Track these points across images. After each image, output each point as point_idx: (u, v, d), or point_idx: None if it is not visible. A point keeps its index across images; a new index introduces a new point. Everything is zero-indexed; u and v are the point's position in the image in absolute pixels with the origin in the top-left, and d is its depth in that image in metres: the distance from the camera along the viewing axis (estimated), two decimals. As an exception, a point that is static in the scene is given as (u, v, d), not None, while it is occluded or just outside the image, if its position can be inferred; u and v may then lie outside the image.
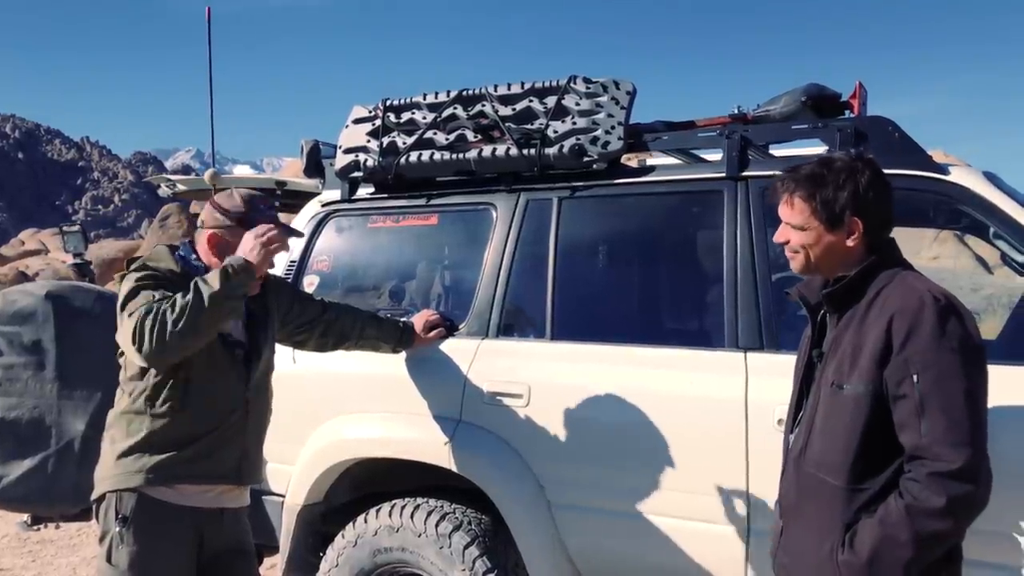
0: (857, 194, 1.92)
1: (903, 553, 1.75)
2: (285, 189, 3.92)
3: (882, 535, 1.77)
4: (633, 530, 2.72)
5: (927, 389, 1.75)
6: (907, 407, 1.78)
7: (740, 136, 2.80)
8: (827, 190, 1.94)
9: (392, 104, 3.30)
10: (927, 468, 1.74)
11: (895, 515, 1.76)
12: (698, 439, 2.63)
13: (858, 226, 1.93)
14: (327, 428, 3.14)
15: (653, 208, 3.07)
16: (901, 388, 1.79)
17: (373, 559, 3.03)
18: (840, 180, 1.93)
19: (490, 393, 2.93)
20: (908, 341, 1.79)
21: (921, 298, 1.82)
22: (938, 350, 1.77)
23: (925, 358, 1.77)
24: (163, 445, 2.33)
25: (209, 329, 2.23)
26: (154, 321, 2.15)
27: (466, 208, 3.27)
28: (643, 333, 3.06)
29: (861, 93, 2.83)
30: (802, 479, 1.97)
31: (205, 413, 2.38)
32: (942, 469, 1.72)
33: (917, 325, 1.79)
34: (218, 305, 2.20)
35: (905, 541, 1.75)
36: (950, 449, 1.72)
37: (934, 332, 1.77)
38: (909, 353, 1.78)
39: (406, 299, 3.50)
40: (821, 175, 1.95)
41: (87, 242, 4.41)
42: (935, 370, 1.76)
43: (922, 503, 1.73)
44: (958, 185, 2.53)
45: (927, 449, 1.75)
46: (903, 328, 1.80)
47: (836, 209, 1.93)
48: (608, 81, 2.99)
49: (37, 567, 5.13)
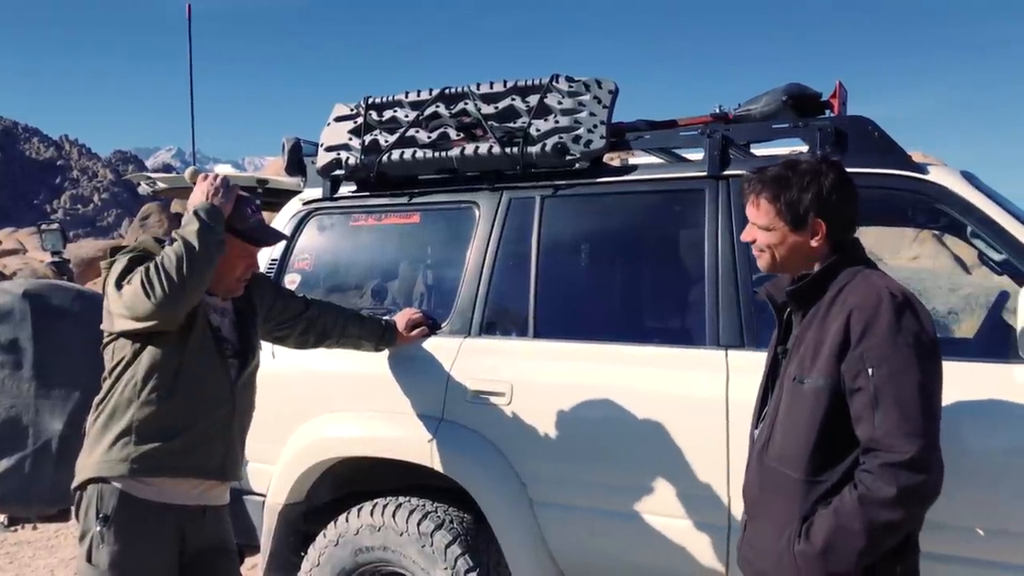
0: (821, 196, 1.97)
1: (856, 543, 1.80)
2: (266, 187, 3.90)
3: (836, 525, 1.82)
4: (614, 527, 2.73)
5: (881, 382, 1.80)
6: (862, 400, 1.83)
7: (721, 135, 2.82)
8: (791, 192, 1.99)
9: (374, 102, 3.29)
10: (880, 459, 1.79)
11: (848, 505, 1.81)
12: (679, 437, 2.65)
13: (821, 227, 1.98)
14: (309, 427, 3.13)
15: (635, 207, 3.08)
16: (857, 381, 1.84)
17: (355, 558, 3.02)
18: (804, 182, 1.98)
19: (473, 391, 2.93)
20: (865, 336, 1.84)
21: (879, 294, 1.87)
22: (893, 345, 1.82)
23: (880, 352, 1.82)
24: (150, 435, 2.30)
25: (206, 271, 2.28)
26: (158, 270, 2.20)
27: (448, 206, 3.26)
28: (625, 331, 3.07)
29: (841, 93, 2.85)
30: (764, 473, 2.02)
31: (193, 404, 2.36)
32: (894, 460, 1.77)
33: (874, 320, 1.84)
34: (206, 242, 2.25)
35: (858, 531, 1.79)
36: (902, 440, 1.77)
37: (890, 327, 1.83)
38: (865, 347, 1.83)
39: (388, 297, 3.49)
40: (786, 177, 2.01)
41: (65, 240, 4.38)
42: (890, 364, 1.81)
43: (874, 493, 1.78)
44: (937, 184, 2.56)
45: (880, 440, 1.80)
46: (860, 323, 1.85)
47: (800, 210, 1.98)
48: (591, 80, 3.00)
49: (15, 568, 5.07)
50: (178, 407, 2.33)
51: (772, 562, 1.95)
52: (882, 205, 2.95)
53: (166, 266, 2.20)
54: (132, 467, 2.28)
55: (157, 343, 2.30)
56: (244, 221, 2.44)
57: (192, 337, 2.34)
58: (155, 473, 2.31)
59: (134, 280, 2.21)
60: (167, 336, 2.30)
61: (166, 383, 2.31)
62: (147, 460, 2.29)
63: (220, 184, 2.40)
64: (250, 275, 2.54)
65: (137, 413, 2.30)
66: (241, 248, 2.45)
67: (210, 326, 2.41)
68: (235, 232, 2.42)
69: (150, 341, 2.30)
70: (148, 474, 2.30)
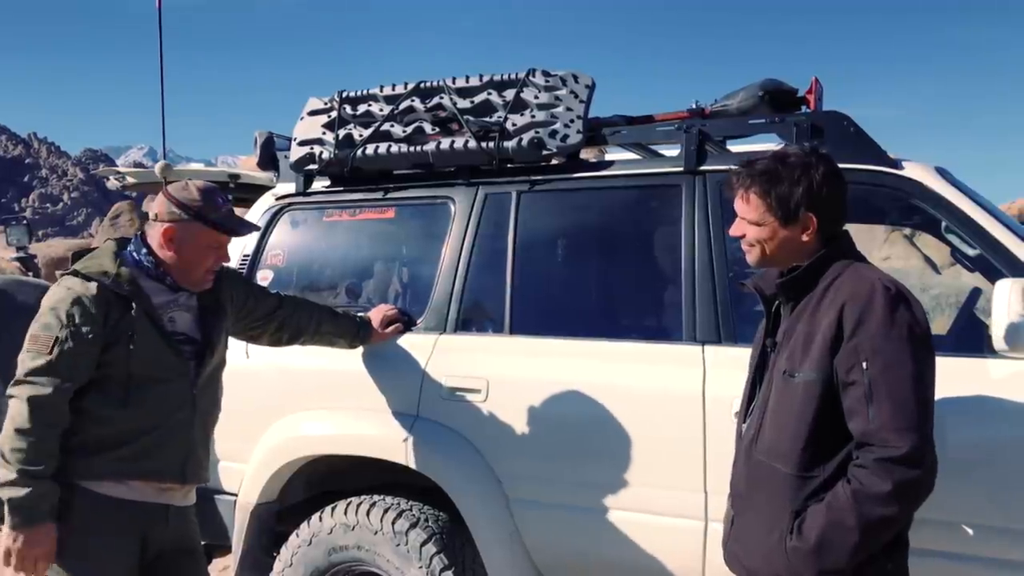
0: (811, 190, 1.95)
1: (850, 538, 1.78)
2: (239, 183, 3.84)
3: (829, 520, 1.80)
4: (591, 525, 2.71)
5: (876, 376, 1.78)
6: (856, 393, 1.81)
7: (698, 131, 2.81)
8: (782, 186, 1.97)
9: (348, 96, 3.26)
10: (874, 454, 1.77)
11: (842, 500, 1.79)
12: (656, 432, 2.64)
13: (812, 221, 1.97)
14: (281, 425, 3.08)
15: (611, 202, 3.07)
16: (850, 375, 1.82)
17: (328, 558, 2.98)
18: (795, 176, 1.96)
19: (448, 388, 2.90)
20: (858, 328, 1.82)
21: (872, 286, 1.86)
22: (887, 337, 1.80)
23: (874, 345, 1.80)
24: (104, 442, 2.27)
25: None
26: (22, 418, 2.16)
27: (424, 202, 3.23)
28: (601, 327, 3.05)
29: (817, 88, 2.86)
30: (753, 467, 1.99)
31: (148, 410, 2.31)
32: (889, 455, 1.75)
33: (867, 313, 1.82)
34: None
35: (852, 526, 1.77)
36: (896, 435, 1.76)
37: (884, 320, 1.81)
38: (859, 340, 1.81)
39: (363, 294, 3.45)
40: (776, 170, 1.98)
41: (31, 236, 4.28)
42: (884, 357, 1.79)
43: (868, 488, 1.76)
44: (912, 180, 2.57)
45: (874, 435, 1.78)
46: (853, 316, 1.83)
47: (791, 205, 1.96)
48: (567, 74, 2.98)
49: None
50: (132, 415, 2.30)
51: (762, 558, 1.93)
52: (857, 201, 2.96)
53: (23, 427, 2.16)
54: (89, 471, 2.26)
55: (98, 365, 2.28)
56: (216, 210, 2.40)
57: (136, 348, 2.29)
58: (111, 478, 2.28)
59: (23, 380, 2.19)
60: (107, 355, 2.27)
61: (117, 395, 2.28)
62: (104, 466, 2.26)
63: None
64: (219, 267, 2.49)
65: (90, 421, 2.26)
66: (211, 238, 2.40)
67: (159, 330, 2.35)
68: (205, 221, 2.38)
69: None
70: (105, 478, 2.27)
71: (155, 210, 2.41)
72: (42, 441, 2.17)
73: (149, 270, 2.38)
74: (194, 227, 2.37)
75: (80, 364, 2.23)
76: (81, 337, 2.22)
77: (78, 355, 2.22)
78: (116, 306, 2.29)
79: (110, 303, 2.28)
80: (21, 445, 2.14)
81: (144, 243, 2.42)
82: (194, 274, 2.43)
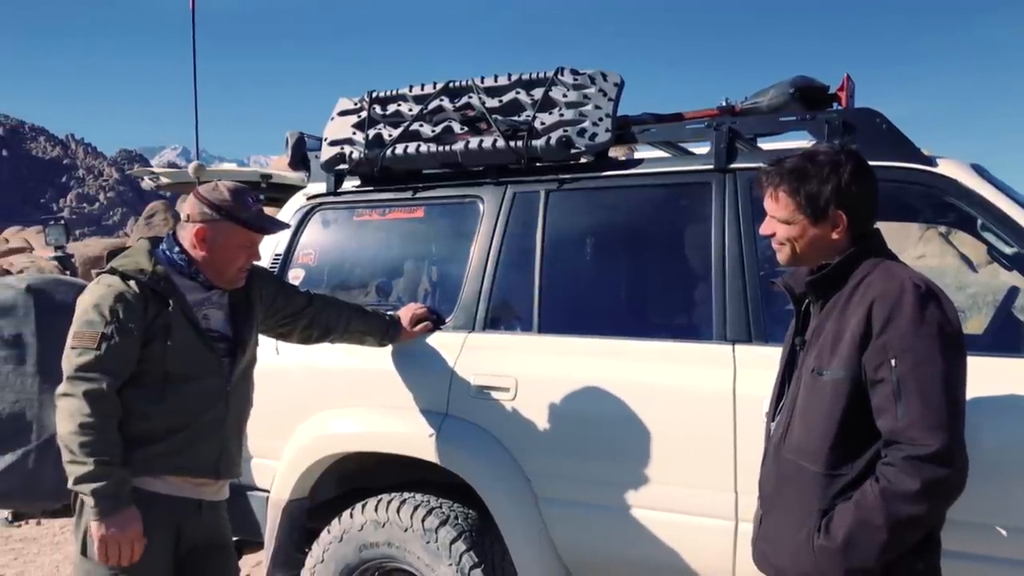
0: (840, 188, 1.93)
1: (878, 537, 1.76)
2: (270, 182, 3.89)
3: (857, 519, 1.79)
4: (620, 523, 2.71)
5: (905, 373, 1.77)
6: (884, 391, 1.79)
7: (728, 128, 2.79)
8: (811, 184, 1.95)
9: (378, 96, 3.28)
10: (903, 452, 1.75)
11: (870, 499, 1.78)
12: (685, 432, 2.62)
13: (842, 219, 1.95)
14: (312, 422, 3.11)
15: (641, 201, 3.06)
16: (879, 372, 1.80)
17: (359, 554, 3.00)
18: (824, 174, 1.94)
19: (477, 387, 2.91)
20: (887, 326, 1.80)
21: (902, 284, 1.84)
22: (917, 335, 1.78)
23: (903, 342, 1.78)
24: (139, 438, 2.30)
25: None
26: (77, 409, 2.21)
27: (453, 201, 3.24)
28: (630, 326, 3.04)
29: (849, 85, 2.83)
30: (781, 466, 1.98)
31: (183, 407, 2.35)
32: (918, 453, 1.73)
33: (897, 310, 1.80)
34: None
35: (880, 525, 1.76)
36: (926, 433, 1.74)
37: (913, 317, 1.79)
38: (888, 338, 1.80)
39: (392, 292, 3.47)
40: (805, 169, 1.97)
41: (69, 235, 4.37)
42: (913, 355, 1.77)
43: (897, 487, 1.74)
44: (947, 177, 2.53)
45: (903, 433, 1.76)
46: (883, 313, 1.81)
47: (821, 203, 1.95)
48: (596, 73, 2.97)
49: (19, 565, 5.07)
50: (168, 411, 2.34)
51: (790, 557, 1.92)
52: (890, 199, 2.92)
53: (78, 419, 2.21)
54: (126, 466, 2.28)
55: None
56: (246, 210, 2.44)
57: (173, 344, 2.33)
58: (147, 473, 2.32)
59: (70, 378, 2.24)
60: (144, 351, 2.31)
61: (154, 391, 2.32)
62: (137, 463, 2.29)
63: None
64: (250, 266, 2.53)
65: (127, 420, 2.29)
66: (243, 237, 2.44)
67: (195, 327, 2.39)
68: (236, 220, 2.42)
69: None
70: (140, 474, 2.31)
71: (187, 211, 2.46)
72: (107, 432, 2.22)
73: (182, 268, 2.43)
74: (225, 226, 2.41)
75: (126, 359, 2.28)
76: (125, 332, 2.27)
77: (123, 350, 2.27)
78: (154, 303, 2.33)
79: (148, 299, 2.32)
80: (89, 438, 2.19)
81: (176, 242, 2.46)
82: (227, 273, 2.47)
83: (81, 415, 2.19)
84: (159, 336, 2.32)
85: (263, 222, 2.51)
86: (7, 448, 3.13)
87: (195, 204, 2.44)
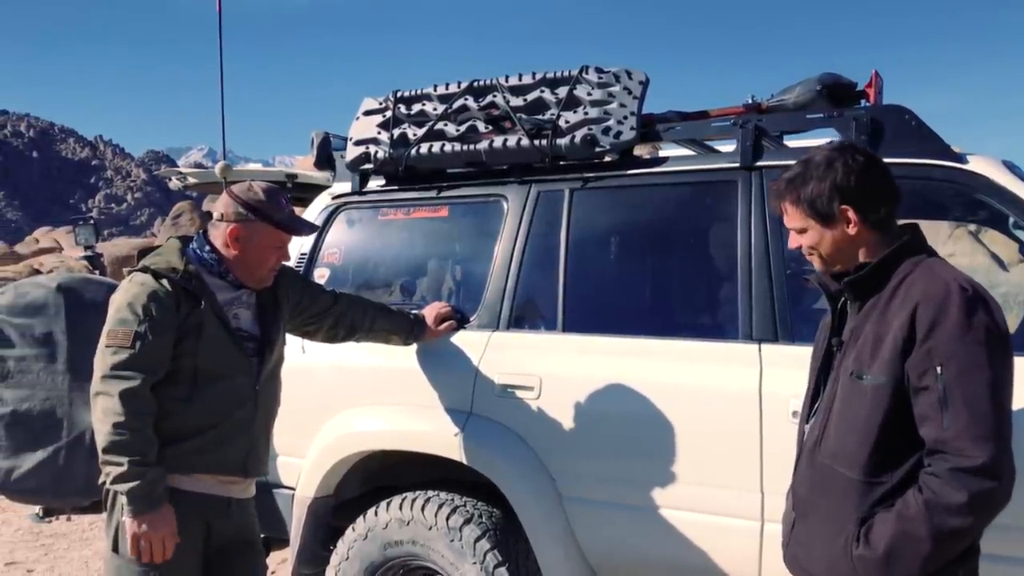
0: (836, 184, 1.89)
1: (921, 549, 1.71)
2: (296, 182, 3.91)
3: (899, 530, 1.73)
4: (645, 523, 2.70)
5: (951, 381, 1.70)
6: (929, 399, 1.73)
7: (754, 126, 2.77)
8: (808, 188, 1.92)
9: (403, 95, 3.28)
10: (948, 463, 1.69)
11: (913, 510, 1.72)
12: (711, 432, 2.61)
13: (850, 213, 1.89)
14: (338, 421, 3.13)
15: (666, 199, 3.04)
16: (924, 380, 1.73)
17: (383, 552, 3.02)
18: (819, 174, 1.91)
19: (501, 385, 2.91)
20: (932, 331, 1.73)
21: (947, 287, 1.76)
22: (963, 341, 1.71)
23: (949, 349, 1.71)
24: (169, 436, 2.32)
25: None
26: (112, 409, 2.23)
27: (477, 200, 3.25)
28: (655, 325, 3.03)
29: (877, 82, 2.79)
30: (816, 470, 1.93)
31: (213, 406, 2.38)
32: (964, 464, 1.67)
33: (942, 315, 1.73)
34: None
35: (923, 537, 1.70)
36: (973, 444, 1.67)
37: (960, 322, 1.72)
38: (933, 343, 1.73)
39: (417, 291, 3.48)
40: (801, 174, 1.94)
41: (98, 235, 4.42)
42: (959, 361, 1.70)
43: (942, 499, 1.68)
44: (978, 174, 2.49)
45: (949, 443, 1.70)
46: (928, 318, 1.74)
47: (824, 203, 1.90)
48: (621, 71, 2.96)
49: (50, 560, 5.14)
50: (198, 409, 2.36)
51: (825, 565, 1.86)
52: (920, 197, 2.88)
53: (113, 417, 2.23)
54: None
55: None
56: (280, 211, 2.46)
57: (204, 343, 2.35)
58: (177, 471, 2.34)
59: (105, 377, 2.26)
60: (176, 349, 2.33)
61: (184, 389, 2.34)
62: (167, 461, 2.31)
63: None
64: (279, 265, 2.55)
65: (159, 418, 2.31)
66: (275, 238, 2.47)
67: (225, 326, 2.41)
68: (270, 221, 2.44)
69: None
70: (172, 470, 2.33)
71: (220, 210, 2.48)
72: (142, 430, 2.24)
73: (212, 267, 2.45)
74: (259, 227, 2.44)
75: (160, 357, 2.31)
76: (159, 330, 2.29)
77: (157, 348, 2.29)
78: (186, 301, 2.36)
79: (180, 298, 2.35)
80: (124, 438, 2.21)
81: (207, 241, 2.48)
82: (258, 272, 2.49)
83: (116, 414, 2.22)
84: (191, 334, 2.34)
85: (296, 223, 2.54)
86: (38, 445, 3.18)
87: (229, 203, 2.46)
